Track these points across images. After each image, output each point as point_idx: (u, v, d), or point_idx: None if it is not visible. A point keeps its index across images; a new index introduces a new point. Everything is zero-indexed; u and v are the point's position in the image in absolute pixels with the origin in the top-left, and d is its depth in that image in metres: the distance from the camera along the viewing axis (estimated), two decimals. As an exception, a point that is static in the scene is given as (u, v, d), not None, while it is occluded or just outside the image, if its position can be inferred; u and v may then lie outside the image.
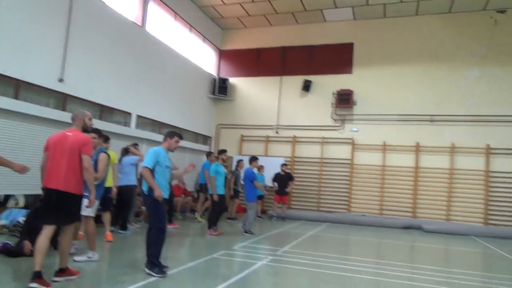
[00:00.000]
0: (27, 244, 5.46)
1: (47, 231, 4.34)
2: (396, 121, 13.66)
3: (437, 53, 13.54)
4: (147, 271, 5.03)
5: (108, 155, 5.87)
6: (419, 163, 13.25)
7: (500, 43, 12.88)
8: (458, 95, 13.17)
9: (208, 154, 11.67)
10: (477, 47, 13.12)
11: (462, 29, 13.32)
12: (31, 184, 7.45)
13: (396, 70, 13.95)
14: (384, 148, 13.66)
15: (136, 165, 8.44)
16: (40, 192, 4.91)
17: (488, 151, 12.59)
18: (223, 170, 8.99)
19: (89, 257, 5.54)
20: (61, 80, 8.58)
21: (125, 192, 8.14)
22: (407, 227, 12.36)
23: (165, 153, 5.44)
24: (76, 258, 5.48)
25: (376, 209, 13.53)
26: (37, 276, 4.13)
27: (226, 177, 9.44)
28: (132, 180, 8.33)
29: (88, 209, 5.23)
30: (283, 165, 12.90)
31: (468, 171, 12.76)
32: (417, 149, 13.29)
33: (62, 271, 4.55)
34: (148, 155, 5.32)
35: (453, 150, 12.93)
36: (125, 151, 8.58)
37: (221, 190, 8.86)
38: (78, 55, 9.08)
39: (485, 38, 13.06)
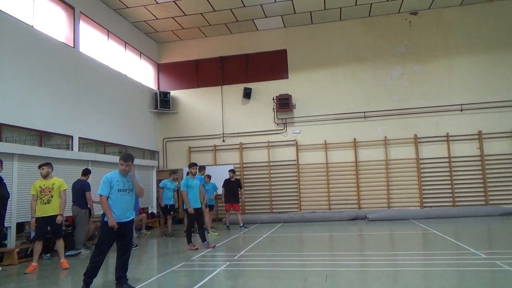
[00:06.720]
0: None
1: None
2: (333, 120, 14.55)
3: (362, 55, 14.64)
4: None
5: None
6: (358, 157, 14.21)
7: (416, 42, 14.23)
8: (385, 92, 14.34)
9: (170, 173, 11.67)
10: (396, 47, 14.39)
11: (382, 32, 14.54)
12: None
13: (328, 73, 14.86)
14: (325, 146, 14.47)
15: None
16: None
17: (416, 141, 13.83)
18: (194, 183, 8.93)
19: None
20: (-7, 110, 8.26)
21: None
22: (354, 219, 13.20)
23: (119, 176, 5.46)
24: None
25: (324, 204, 14.27)
26: None
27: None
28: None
29: None
30: (231, 170, 12.40)
31: (401, 160, 13.93)
32: (355, 144, 14.24)
33: None
34: (101, 182, 5.40)
35: (386, 143, 14.04)
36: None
37: (195, 204, 8.82)
38: (9, 82, 8.77)
39: (403, 39, 14.36)
